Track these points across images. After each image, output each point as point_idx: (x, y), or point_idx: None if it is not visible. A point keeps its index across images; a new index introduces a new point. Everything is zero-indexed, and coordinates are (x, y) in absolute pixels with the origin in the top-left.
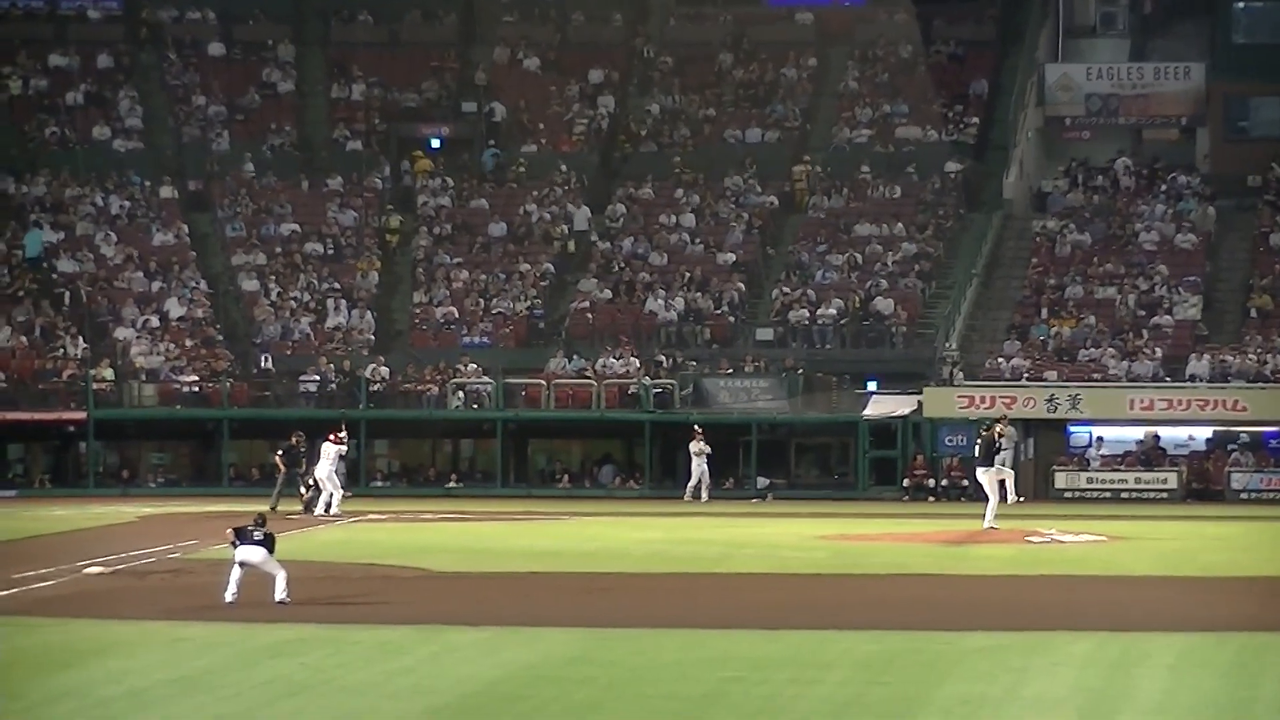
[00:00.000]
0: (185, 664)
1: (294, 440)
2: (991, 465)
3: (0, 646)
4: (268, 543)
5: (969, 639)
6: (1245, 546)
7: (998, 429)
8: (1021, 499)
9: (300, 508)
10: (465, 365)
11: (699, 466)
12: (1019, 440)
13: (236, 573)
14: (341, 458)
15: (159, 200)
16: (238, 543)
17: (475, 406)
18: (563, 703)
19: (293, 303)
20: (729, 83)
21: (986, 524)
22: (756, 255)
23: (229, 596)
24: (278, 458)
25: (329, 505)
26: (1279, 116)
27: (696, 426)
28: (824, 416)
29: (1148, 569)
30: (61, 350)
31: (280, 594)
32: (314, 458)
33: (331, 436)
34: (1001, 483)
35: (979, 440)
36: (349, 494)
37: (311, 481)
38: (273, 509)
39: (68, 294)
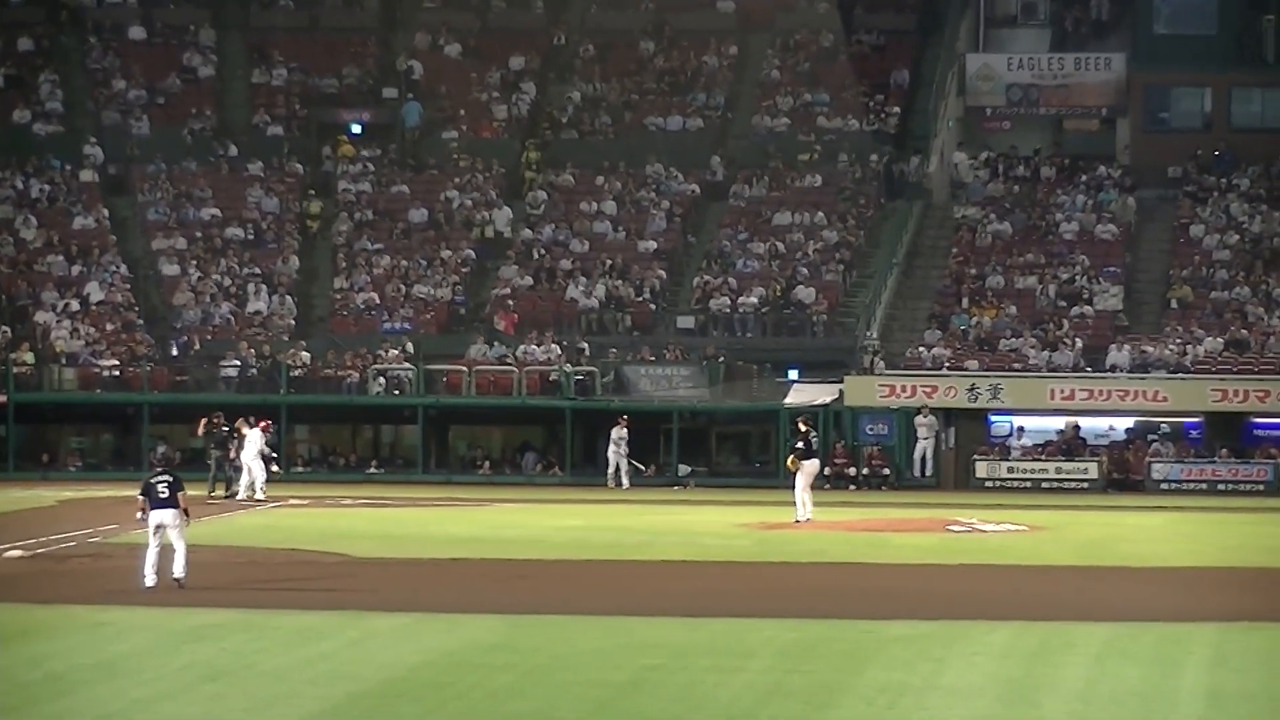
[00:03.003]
0: (105, 648)
1: (214, 420)
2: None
3: None
4: (175, 487)
5: (889, 628)
6: (1165, 537)
7: (804, 428)
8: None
9: (222, 492)
10: (386, 351)
11: (616, 453)
12: (939, 430)
13: (153, 553)
14: (268, 446)
15: (79, 184)
16: (147, 508)
17: (396, 392)
18: (484, 689)
19: (213, 287)
20: (650, 70)
21: (801, 516)
22: (677, 243)
23: (148, 581)
24: (204, 437)
25: (253, 487)
26: (1199, 107)
27: (622, 415)
28: (745, 405)
29: (1068, 559)
30: None
31: (178, 571)
32: (239, 441)
33: (260, 424)
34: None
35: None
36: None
37: (235, 464)
38: (210, 493)
39: None
